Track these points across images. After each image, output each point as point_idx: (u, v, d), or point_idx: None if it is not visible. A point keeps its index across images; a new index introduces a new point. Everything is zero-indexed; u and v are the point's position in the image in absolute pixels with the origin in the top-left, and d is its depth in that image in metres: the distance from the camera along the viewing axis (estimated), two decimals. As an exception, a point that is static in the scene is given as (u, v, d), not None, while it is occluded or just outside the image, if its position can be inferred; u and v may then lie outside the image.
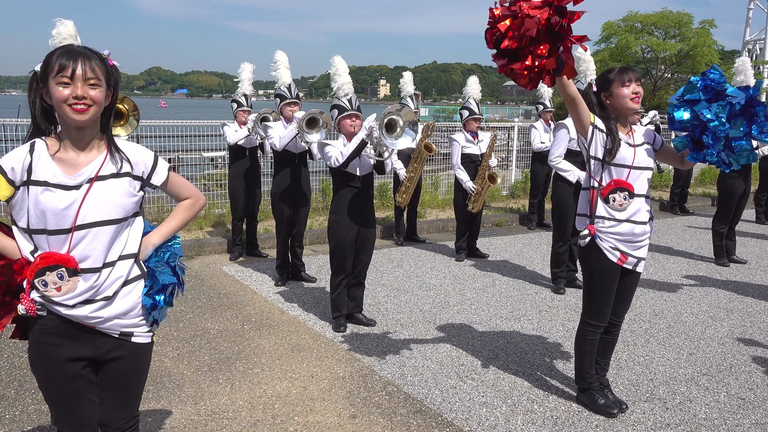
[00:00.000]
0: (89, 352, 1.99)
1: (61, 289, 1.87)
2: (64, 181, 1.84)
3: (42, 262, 1.84)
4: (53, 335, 1.94)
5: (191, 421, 3.27)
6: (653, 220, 3.35)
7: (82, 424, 2.03)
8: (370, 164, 4.54)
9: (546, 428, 3.28)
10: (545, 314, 5.12)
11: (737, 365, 4.14)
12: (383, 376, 3.87)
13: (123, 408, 2.11)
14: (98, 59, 1.85)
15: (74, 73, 1.78)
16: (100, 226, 1.89)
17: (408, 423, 3.31)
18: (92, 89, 1.81)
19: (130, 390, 2.11)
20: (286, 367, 3.98)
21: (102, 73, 1.85)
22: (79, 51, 1.82)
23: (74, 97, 1.79)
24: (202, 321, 4.77)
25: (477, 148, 6.76)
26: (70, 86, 1.79)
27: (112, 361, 2.04)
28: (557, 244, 5.78)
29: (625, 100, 3.16)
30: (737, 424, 3.36)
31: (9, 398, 3.48)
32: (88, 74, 1.80)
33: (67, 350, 1.96)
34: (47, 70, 1.81)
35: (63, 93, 1.78)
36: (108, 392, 2.08)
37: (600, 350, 3.50)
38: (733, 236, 7.01)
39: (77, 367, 1.99)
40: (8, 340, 4.30)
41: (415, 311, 5.11)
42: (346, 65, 4.76)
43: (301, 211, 5.84)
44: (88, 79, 1.80)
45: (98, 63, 1.84)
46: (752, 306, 5.42)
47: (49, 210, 1.82)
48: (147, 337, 2.10)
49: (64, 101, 1.79)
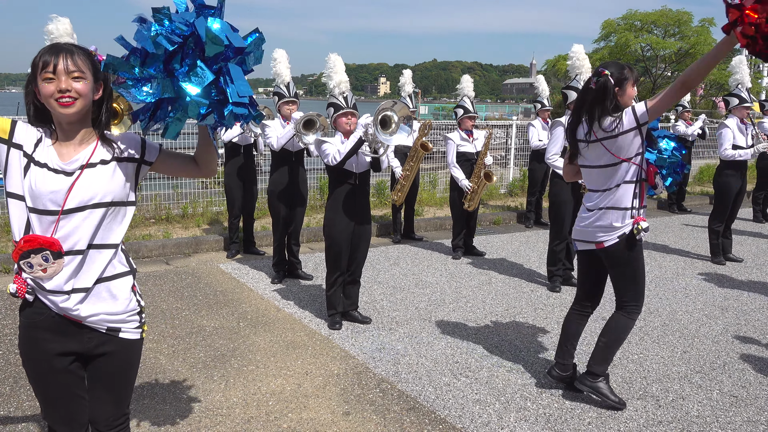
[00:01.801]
0: (77, 347, 2.00)
1: (47, 270, 1.88)
2: (61, 167, 1.90)
3: (26, 245, 1.87)
4: (42, 329, 1.96)
5: (185, 418, 3.28)
6: None
7: (71, 420, 2.04)
8: (366, 162, 4.55)
9: (538, 425, 3.29)
10: (540, 312, 5.13)
11: (731, 363, 4.15)
12: (377, 373, 3.88)
13: (111, 405, 2.10)
14: (82, 53, 1.88)
15: (56, 67, 1.82)
16: (88, 209, 1.91)
17: (401, 420, 3.32)
18: (76, 82, 1.85)
19: (119, 387, 2.11)
20: (281, 364, 4.00)
21: (86, 66, 1.87)
22: (61, 47, 1.87)
23: (59, 91, 1.83)
24: (197, 318, 4.78)
25: (472, 146, 6.77)
26: (54, 81, 1.83)
27: (101, 356, 2.04)
28: (554, 242, 5.79)
29: (630, 100, 3.20)
30: (729, 422, 3.37)
31: (4, 395, 3.49)
32: (70, 68, 1.84)
33: (56, 344, 1.97)
34: (34, 70, 1.85)
35: (49, 88, 1.83)
36: (96, 389, 2.08)
37: (578, 333, 3.66)
38: (729, 234, 7.02)
39: (65, 362, 1.99)
40: (5, 337, 4.31)
41: (411, 309, 5.12)
42: (343, 63, 4.76)
43: (298, 209, 5.85)
44: (71, 72, 1.84)
45: (82, 57, 1.87)
46: (747, 304, 5.43)
47: (44, 192, 1.87)
48: (136, 333, 2.09)
49: (50, 96, 1.83)
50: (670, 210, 10.24)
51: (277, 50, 5.81)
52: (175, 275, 5.91)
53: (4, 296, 5.17)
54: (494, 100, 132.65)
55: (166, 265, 6.28)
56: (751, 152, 6.69)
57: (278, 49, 5.82)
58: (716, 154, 15.16)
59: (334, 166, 4.47)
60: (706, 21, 26.63)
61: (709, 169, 13.18)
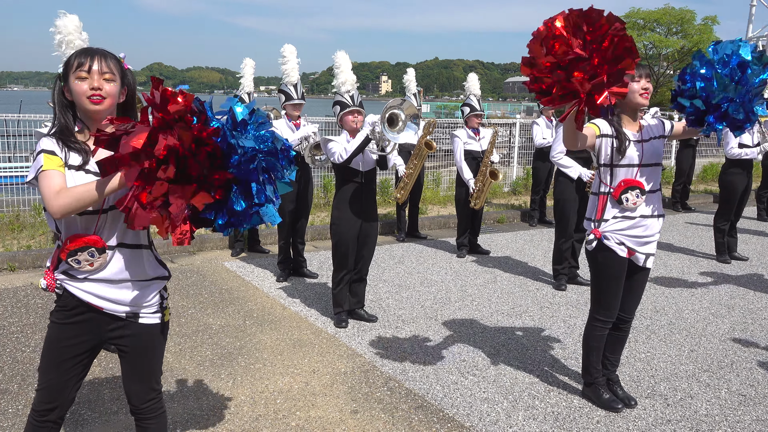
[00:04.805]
0: (98, 333, 2.16)
1: (94, 264, 2.05)
2: (95, 168, 2.02)
3: (72, 245, 2.01)
4: (70, 316, 2.12)
5: (193, 416, 3.28)
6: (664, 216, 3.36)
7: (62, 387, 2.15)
8: (372, 160, 4.54)
9: (547, 424, 3.28)
10: (546, 310, 5.12)
11: (738, 362, 4.14)
12: (384, 371, 3.88)
13: (137, 383, 2.25)
14: (113, 58, 2.06)
15: (91, 68, 2.00)
16: None
17: (410, 418, 3.32)
18: (107, 83, 2.02)
19: (141, 367, 2.24)
20: (288, 362, 3.99)
21: (116, 70, 2.05)
22: (95, 50, 2.05)
23: (91, 89, 1.99)
24: (204, 316, 4.78)
25: (478, 144, 6.76)
26: (87, 80, 1.99)
27: (121, 338, 2.18)
28: (560, 241, 5.78)
29: (635, 95, 3.17)
30: (738, 421, 3.36)
31: (12, 392, 3.49)
32: (103, 69, 2.01)
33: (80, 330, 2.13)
34: (68, 68, 2.01)
35: (81, 86, 1.99)
36: (125, 368, 2.25)
37: (610, 347, 3.51)
38: (734, 233, 7.01)
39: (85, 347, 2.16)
40: (12, 335, 4.32)
41: (417, 307, 5.12)
42: (349, 61, 4.75)
43: (303, 207, 5.84)
44: (104, 73, 2.01)
45: (113, 61, 2.05)
46: (754, 303, 5.42)
47: None
48: (155, 318, 2.21)
49: (83, 94, 2.00)
50: (674, 209, 10.23)
51: (286, 46, 5.71)
52: (180, 273, 5.91)
53: (10, 295, 5.17)
54: (496, 99, 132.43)
55: (171, 263, 6.28)
56: (758, 150, 6.67)
57: (288, 45, 5.72)
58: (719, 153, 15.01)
59: (341, 165, 4.47)
60: (708, 19, 26.62)
61: (712, 167, 13.17)
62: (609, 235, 3.26)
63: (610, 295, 3.36)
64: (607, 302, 3.37)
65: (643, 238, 3.28)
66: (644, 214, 3.25)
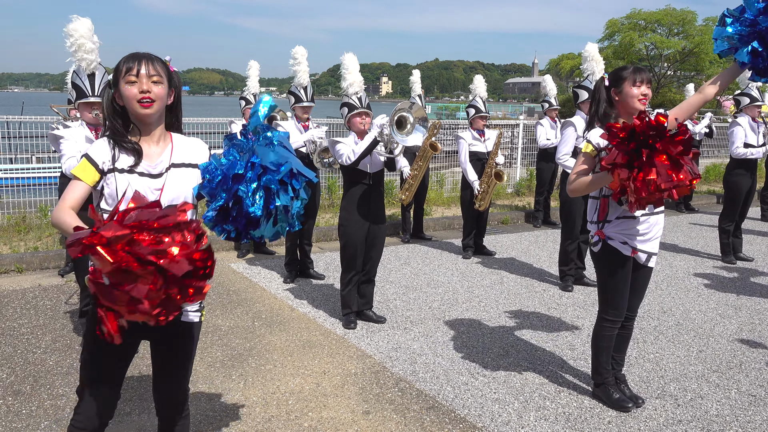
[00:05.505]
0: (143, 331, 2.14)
1: None
2: (148, 170, 2.12)
3: None
4: None
5: (206, 417, 3.30)
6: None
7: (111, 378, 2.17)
8: (380, 161, 4.55)
9: (559, 424, 3.30)
10: (554, 311, 5.14)
11: (747, 362, 4.15)
12: (395, 372, 3.89)
13: (174, 381, 2.29)
14: (160, 61, 2.12)
15: (139, 72, 2.05)
16: None
17: (422, 419, 3.33)
18: (155, 86, 2.07)
19: (177, 364, 2.28)
20: (298, 363, 4.01)
21: (163, 72, 2.10)
22: (142, 55, 2.10)
23: (141, 92, 2.04)
24: (212, 317, 4.80)
25: (483, 145, 6.77)
26: (136, 83, 2.04)
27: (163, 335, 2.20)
28: (566, 242, 5.79)
29: (633, 100, 3.19)
30: (749, 421, 3.37)
31: (25, 393, 3.51)
32: (151, 72, 2.06)
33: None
34: (117, 74, 2.07)
35: (131, 91, 2.04)
36: (160, 363, 2.30)
37: (615, 345, 3.52)
38: (739, 233, 7.02)
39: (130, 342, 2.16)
40: (22, 336, 4.33)
41: (424, 308, 5.13)
42: (357, 63, 4.76)
43: (310, 209, 5.86)
44: (152, 76, 2.06)
45: (160, 64, 2.11)
46: (760, 303, 5.43)
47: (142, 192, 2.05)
48: (196, 316, 2.27)
49: (133, 98, 2.05)
50: (678, 209, 10.24)
51: (297, 48, 5.71)
52: (187, 275, 5.92)
53: (18, 296, 5.19)
54: (496, 100, 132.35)
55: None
56: (763, 150, 6.68)
57: (299, 47, 5.72)
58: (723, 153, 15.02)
59: (349, 166, 4.48)
60: (710, 20, 26.64)
61: (715, 168, 13.18)
62: (612, 235, 3.28)
63: (617, 295, 3.38)
64: (615, 302, 3.39)
65: (646, 235, 3.30)
66: (647, 212, 3.27)
